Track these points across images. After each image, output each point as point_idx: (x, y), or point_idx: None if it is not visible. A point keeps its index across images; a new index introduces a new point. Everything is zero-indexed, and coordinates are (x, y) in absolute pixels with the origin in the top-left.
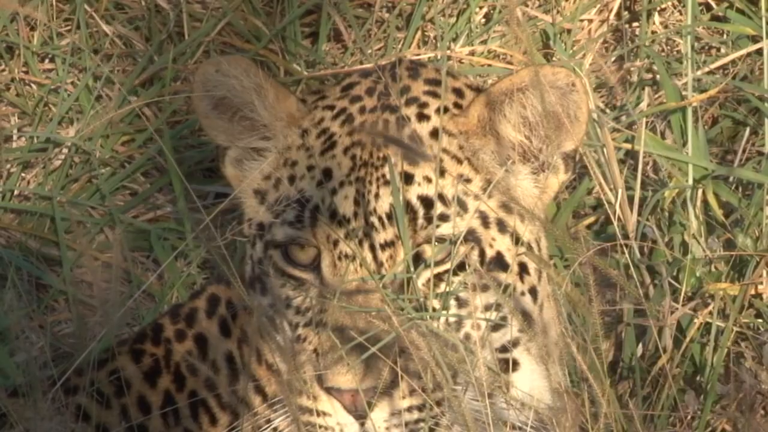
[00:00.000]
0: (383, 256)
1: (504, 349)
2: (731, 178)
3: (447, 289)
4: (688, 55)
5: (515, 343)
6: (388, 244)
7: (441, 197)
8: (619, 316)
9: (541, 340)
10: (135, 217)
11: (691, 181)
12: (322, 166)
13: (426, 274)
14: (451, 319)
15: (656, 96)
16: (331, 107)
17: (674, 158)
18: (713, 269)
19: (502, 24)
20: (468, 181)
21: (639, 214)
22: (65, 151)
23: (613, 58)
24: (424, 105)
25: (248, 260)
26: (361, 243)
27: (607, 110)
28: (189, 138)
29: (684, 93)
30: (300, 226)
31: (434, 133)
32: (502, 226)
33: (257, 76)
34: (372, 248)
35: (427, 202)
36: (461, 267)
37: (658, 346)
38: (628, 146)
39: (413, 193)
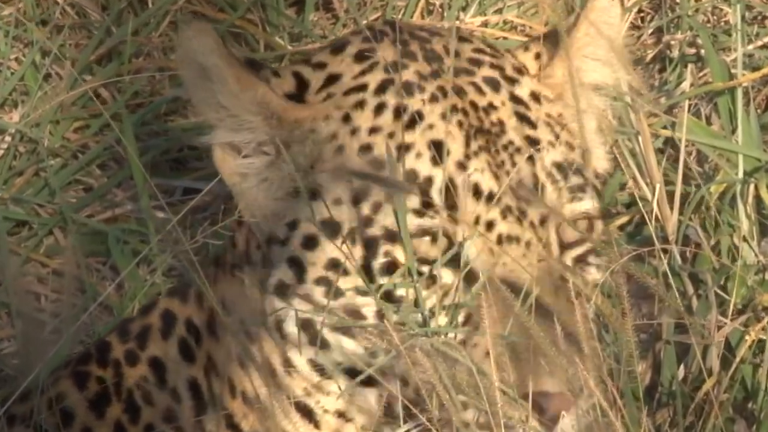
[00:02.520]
0: (543, 233)
1: None
2: None
3: (456, 300)
4: (738, 26)
5: None
6: (544, 220)
7: (576, 169)
8: (657, 333)
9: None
10: (90, 216)
11: (741, 175)
12: (434, 138)
13: (571, 254)
14: None
15: (700, 74)
16: (363, 86)
17: (721, 147)
18: (767, 277)
19: None
20: (573, 150)
21: (680, 214)
22: (8, 139)
23: (650, 31)
24: (499, 67)
25: (287, 268)
26: (519, 221)
27: (643, 91)
28: (153, 124)
29: (733, 71)
30: (432, 212)
31: (534, 96)
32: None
33: (215, 54)
34: (532, 226)
35: (562, 170)
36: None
37: (702, 368)
38: (668, 133)
39: (548, 161)
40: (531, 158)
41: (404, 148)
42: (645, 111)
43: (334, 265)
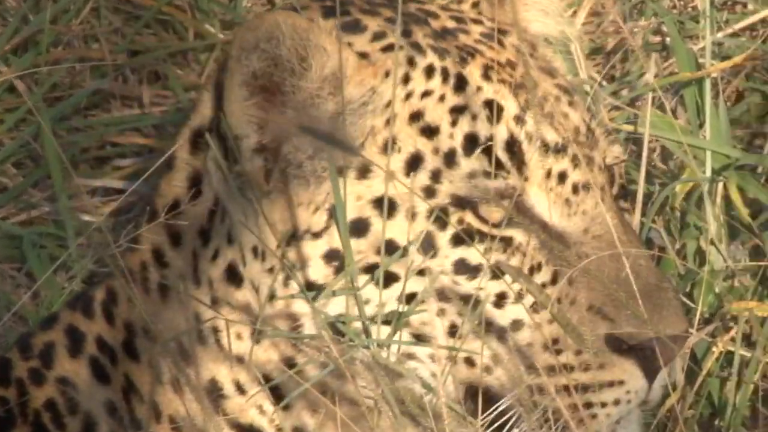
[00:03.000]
0: (607, 177)
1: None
2: (759, 169)
3: (401, 310)
4: (706, 12)
5: None
6: (602, 164)
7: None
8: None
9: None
10: (4, 218)
11: (709, 173)
12: (487, 98)
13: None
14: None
15: (666, 64)
16: (390, 46)
17: (688, 143)
18: (737, 284)
19: None
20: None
21: (643, 215)
22: None
23: (611, 17)
24: (480, 22)
25: (323, 265)
26: (590, 168)
27: (604, 82)
28: (73, 118)
29: (701, 60)
30: (503, 173)
31: (530, 46)
32: None
33: (315, 30)
34: (600, 171)
35: (592, 114)
36: None
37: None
38: (630, 128)
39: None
40: (572, 105)
41: (459, 111)
42: (605, 104)
43: (386, 248)
